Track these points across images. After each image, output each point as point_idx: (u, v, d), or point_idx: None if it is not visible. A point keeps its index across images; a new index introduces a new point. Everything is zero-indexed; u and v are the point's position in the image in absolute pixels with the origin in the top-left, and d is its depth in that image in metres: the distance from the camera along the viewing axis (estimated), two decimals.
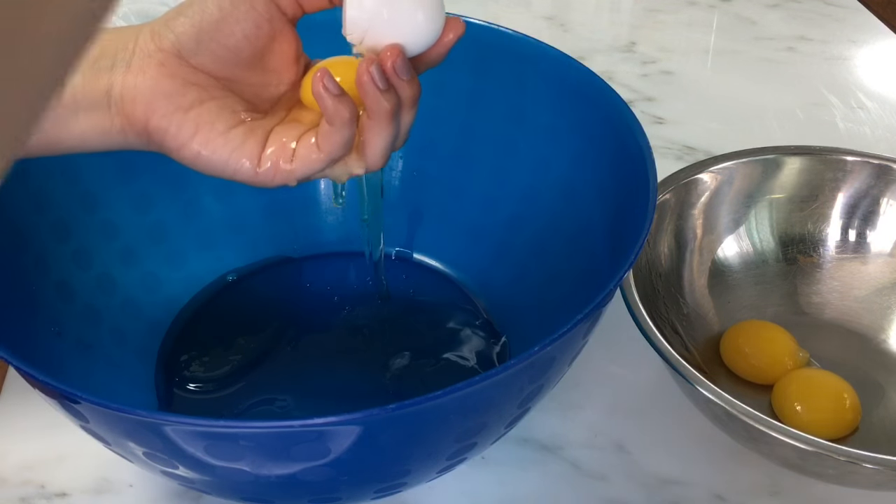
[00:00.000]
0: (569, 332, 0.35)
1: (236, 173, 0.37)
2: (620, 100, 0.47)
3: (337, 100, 0.35)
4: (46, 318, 0.45)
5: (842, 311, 0.55)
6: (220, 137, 0.36)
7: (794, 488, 0.47)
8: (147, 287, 0.53)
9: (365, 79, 0.35)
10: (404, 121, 0.38)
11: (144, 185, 0.53)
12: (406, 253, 0.58)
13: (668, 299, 0.52)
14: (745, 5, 0.93)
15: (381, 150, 0.37)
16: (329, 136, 0.36)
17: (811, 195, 0.56)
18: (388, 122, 0.37)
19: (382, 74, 0.35)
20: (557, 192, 0.52)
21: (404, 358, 0.51)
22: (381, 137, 0.37)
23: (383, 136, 0.37)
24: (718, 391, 0.43)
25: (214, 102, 0.37)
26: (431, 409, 0.34)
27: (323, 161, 0.37)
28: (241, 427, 0.33)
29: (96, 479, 0.47)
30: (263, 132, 0.37)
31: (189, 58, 0.36)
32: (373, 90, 0.35)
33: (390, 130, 0.37)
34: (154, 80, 0.36)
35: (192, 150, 0.36)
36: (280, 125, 0.38)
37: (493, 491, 0.47)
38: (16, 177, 0.45)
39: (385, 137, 0.37)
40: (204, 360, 0.52)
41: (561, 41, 0.54)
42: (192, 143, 0.36)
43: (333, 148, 0.36)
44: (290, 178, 0.37)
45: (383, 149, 0.37)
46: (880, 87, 0.81)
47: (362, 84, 0.35)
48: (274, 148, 0.37)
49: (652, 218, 0.41)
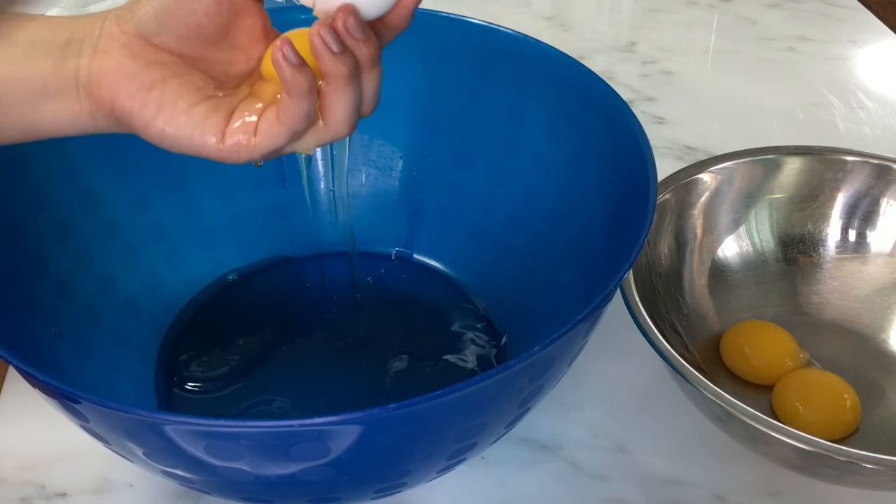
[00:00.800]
0: (569, 332, 0.35)
1: (201, 149, 0.37)
2: (620, 100, 0.47)
3: (295, 69, 0.35)
4: (46, 318, 0.45)
5: (842, 311, 0.55)
6: (183, 115, 0.36)
7: (794, 488, 0.47)
8: (147, 287, 0.53)
9: (317, 41, 0.35)
10: (367, 84, 0.37)
11: (144, 185, 0.53)
12: (406, 253, 0.58)
13: (668, 299, 0.52)
14: (745, 5, 0.93)
15: (344, 115, 0.37)
16: (289, 107, 0.36)
17: (811, 195, 0.56)
18: (347, 85, 0.36)
19: (335, 36, 0.35)
20: (557, 192, 0.52)
21: (404, 357, 0.51)
22: (342, 103, 0.36)
23: (344, 100, 0.36)
24: (718, 391, 0.43)
25: (177, 80, 0.37)
26: (431, 409, 0.34)
27: (285, 134, 0.36)
28: (241, 427, 0.33)
29: (96, 479, 0.47)
30: (228, 108, 0.37)
31: (151, 37, 0.36)
32: (326, 53, 0.35)
33: (351, 94, 0.36)
34: (118, 62, 0.36)
35: (157, 127, 0.36)
36: (245, 100, 0.38)
37: (493, 491, 0.47)
38: (16, 176, 0.46)
39: (347, 102, 0.36)
40: (204, 359, 0.52)
41: (561, 41, 0.54)
42: (157, 121, 0.36)
43: (294, 120, 0.36)
44: (254, 154, 0.37)
45: (346, 114, 0.37)
46: (880, 87, 0.81)
47: (315, 47, 0.35)
48: (238, 123, 0.37)
49: (652, 218, 0.41)
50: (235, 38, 0.38)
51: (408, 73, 0.55)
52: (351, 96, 0.36)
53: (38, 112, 0.36)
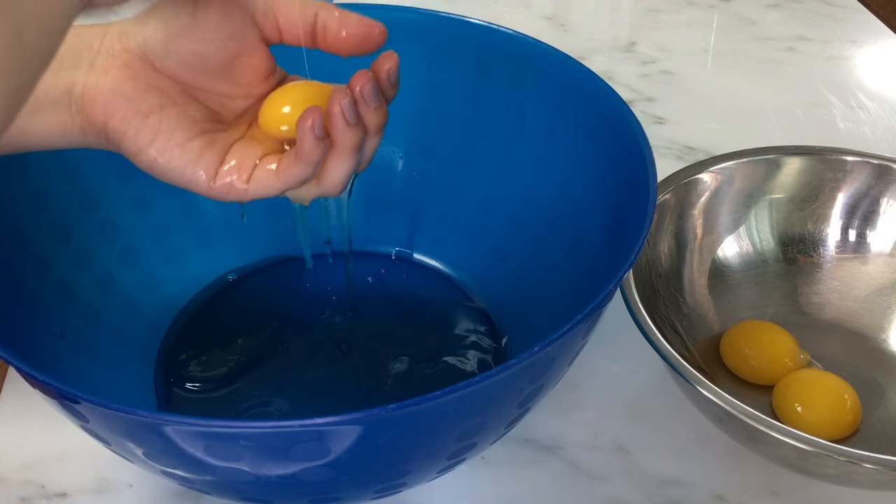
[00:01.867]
0: (569, 332, 0.35)
1: (191, 184, 0.36)
2: (620, 100, 0.47)
3: (318, 142, 0.35)
4: (46, 319, 0.45)
5: (842, 311, 0.55)
6: (178, 147, 0.36)
7: (794, 488, 0.47)
8: (147, 287, 0.53)
9: (336, 110, 0.35)
10: (368, 148, 0.38)
11: (144, 185, 0.53)
12: (406, 253, 0.58)
13: (668, 299, 0.52)
14: (745, 5, 0.93)
15: (340, 179, 0.37)
16: (291, 168, 0.36)
17: (811, 195, 0.56)
18: (351, 155, 0.37)
19: (354, 109, 0.35)
20: (557, 192, 0.52)
21: (404, 358, 0.51)
22: (341, 168, 0.37)
23: (344, 166, 0.37)
24: (718, 391, 0.43)
25: (175, 109, 0.36)
26: (431, 409, 0.34)
27: (279, 189, 0.37)
28: (241, 427, 0.33)
29: (96, 479, 0.47)
30: (223, 146, 0.37)
31: (155, 61, 0.36)
32: (341, 123, 0.35)
33: (352, 162, 0.37)
34: (116, 82, 0.35)
35: (148, 156, 0.36)
36: (241, 141, 0.37)
37: (493, 491, 0.47)
38: (16, 177, 0.46)
39: (346, 168, 0.37)
40: (203, 359, 0.52)
41: (561, 41, 0.54)
42: (149, 150, 0.36)
43: (293, 181, 0.36)
44: (244, 197, 0.37)
45: (342, 178, 0.37)
46: (880, 87, 0.81)
47: (332, 116, 0.35)
48: (232, 165, 0.36)
49: (652, 218, 0.41)
50: (238, 75, 0.38)
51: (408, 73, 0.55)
52: (352, 164, 0.37)
53: (27, 124, 0.35)
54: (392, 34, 0.55)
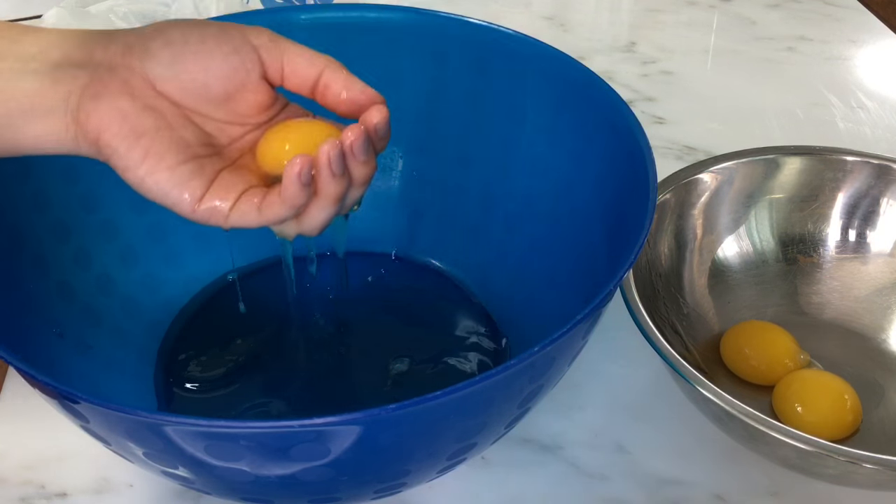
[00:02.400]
0: (569, 332, 0.35)
1: (175, 205, 0.36)
2: (620, 100, 0.47)
3: (303, 189, 0.35)
4: (46, 319, 0.45)
5: (842, 311, 0.55)
6: (167, 171, 0.36)
7: (794, 488, 0.47)
8: (147, 287, 0.53)
9: (323, 160, 0.35)
10: (350, 196, 0.38)
11: None
12: (406, 253, 0.58)
13: (668, 299, 0.52)
14: (745, 5, 0.93)
15: (320, 223, 0.37)
16: (274, 207, 0.36)
17: (811, 195, 0.56)
18: (333, 204, 0.37)
19: (341, 160, 0.35)
20: (557, 192, 0.52)
21: (404, 358, 0.51)
22: (322, 213, 0.37)
23: (325, 212, 0.37)
24: (718, 391, 0.43)
25: (169, 133, 0.36)
26: (431, 409, 0.34)
27: (258, 223, 0.37)
28: (241, 427, 0.33)
29: (96, 479, 0.47)
30: (212, 172, 0.37)
31: (156, 81, 0.36)
32: (327, 172, 0.35)
33: (333, 210, 0.37)
34: (113, 97, 0.35)
35: (137, 174, 0.36)
36: (231, 168, 0.38)
37: (493, 491, 0.47)
38: (16, 177, 0.46)
39: (326, 214, 0.37)
40: (203, 359, 0.52)
41: (561, 41, 0.54)
42: (138, 169, 0.36)
43: (273, 219, 0.37)
44: (225, 224, 0.37)
45: (322, 223, 0.37)
46: (880, 87, 0.81)
47: (319, 165, 0.35)
48: (217, 192, 0.36)
49: (652, 218, 0.41)
50: (238, 106, 0.38)
51: (408, 73, 0.55)
52: (333, 211, 0.37)
53: (21, 130, 0.35)
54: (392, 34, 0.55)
